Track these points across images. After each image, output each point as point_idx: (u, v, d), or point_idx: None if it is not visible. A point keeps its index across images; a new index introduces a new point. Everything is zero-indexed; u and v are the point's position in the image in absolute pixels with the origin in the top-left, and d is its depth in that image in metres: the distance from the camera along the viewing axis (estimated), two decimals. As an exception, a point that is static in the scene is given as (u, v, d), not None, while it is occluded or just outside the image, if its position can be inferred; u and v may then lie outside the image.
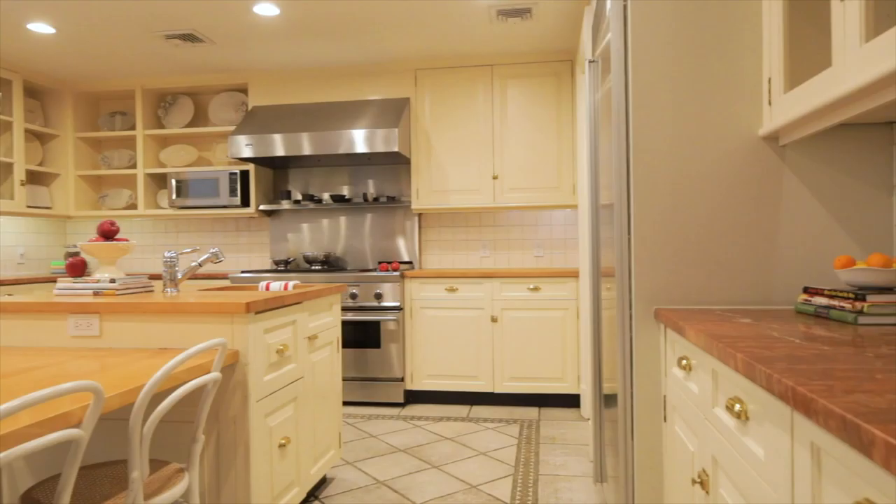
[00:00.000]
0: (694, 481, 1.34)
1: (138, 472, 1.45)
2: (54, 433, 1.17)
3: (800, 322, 1.37)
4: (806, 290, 1.53)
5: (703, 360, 1.30)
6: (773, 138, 1.72)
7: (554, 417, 3.88)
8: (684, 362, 1.45)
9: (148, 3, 3.38)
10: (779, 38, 1.56)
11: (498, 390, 4.13)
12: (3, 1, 3.32)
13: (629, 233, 1.78)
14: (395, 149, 4.10)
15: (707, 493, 1.28)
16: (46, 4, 3.38)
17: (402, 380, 4.16)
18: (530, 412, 4.01)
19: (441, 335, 4.18)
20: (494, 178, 4.39)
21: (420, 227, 4.80)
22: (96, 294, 2.26)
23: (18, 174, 4.43)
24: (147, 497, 1.53)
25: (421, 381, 4.20)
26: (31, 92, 4.85)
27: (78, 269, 2.36)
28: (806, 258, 1.71)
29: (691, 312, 1.59)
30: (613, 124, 1.80)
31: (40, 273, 4.87)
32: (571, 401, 4.12)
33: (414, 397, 4.29)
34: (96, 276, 2.29)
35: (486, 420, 3.84)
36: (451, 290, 4.16)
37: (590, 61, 2.42)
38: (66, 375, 1.62)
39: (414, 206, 4.49)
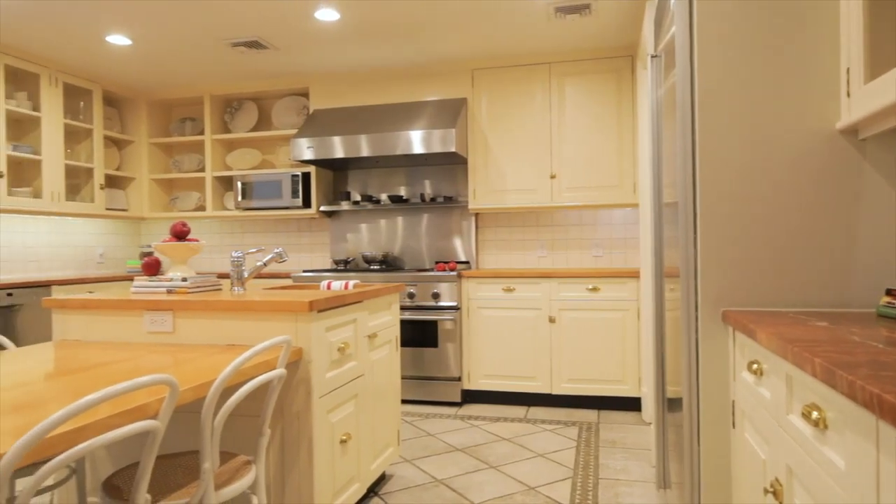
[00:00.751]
0: (766, 491, 1.29)
1: (209, 463, 1.51)
2: (134, 424, 1.23)
3: (882, 326, 1.29)
4: (889, 293, 1.45)
5: (776, 364, 1.25)
6: (851, 132, 1.63)
7: (613, 420, 3.81)
8: (755, 367, 1.40)
9: (216, 14, 3.52)
10: (858, 24, 1.48)
11: (556, 392, 4.08)
12: (86, 16, 3.53)
13: (695, 232, 1.73)
14: (453, 149, 4.12)
15: (781, 503, 1.23)
16: (124, 18, 3.57)
17: (459, 379, 4.17)
18: (589, 414, 3.95)
19: (498, 335, 4.17)
20: (552, 177, 4.34)
21: (477, 227, 4.80)
22: (169, 292, 2.37)
23: (98, 178, 4.69)
24: (217, 487, 1.59)
25: (478, 381, 4.20)
26: (109, 101, 5.14)
27: (153, 268, 2.48)
28: (888, 258, 1.61)
29: (761, 315, 1.53)
30: (678, 120, 1.75)
31: (117, 272, 5.14)
32: (632, 404, 4.03)
33: (471, 397, 4.29)
34: (169, 274, 2.40)
35: (543, 421, 3.80)
36: (509, 290, 4.14)
37: (652, 56, 2.36)
38: (142, 369, 1.71)
39: (471, 206, 4.49)
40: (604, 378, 4.00)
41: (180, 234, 2.45)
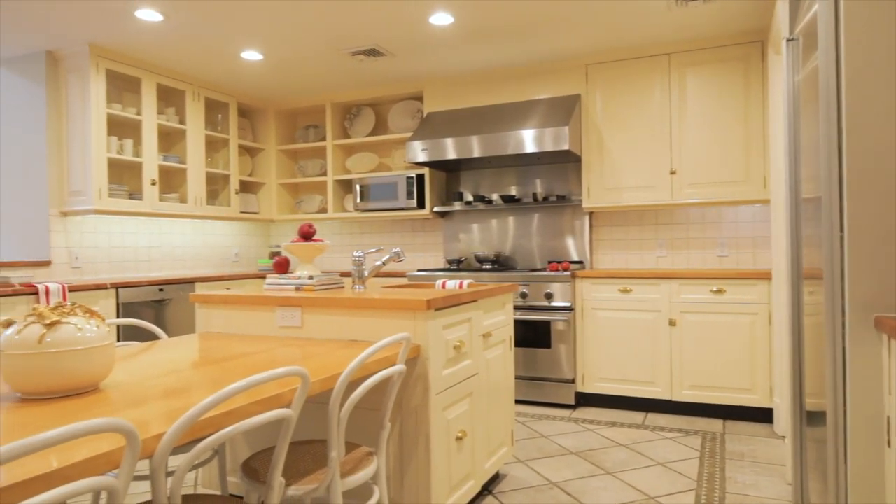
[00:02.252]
0: (931, 519, 1.15)
1: (336, 452, 1.59)
2: (271, 411, 1.33)
3: None
4: None
5: (944, 378, 1.11)
6: None
7: (741, 431, 3.56)
8: (916, 380, 1.25)
9: (338, 25, 3.70)
10: None
11: (676, 398, 3.89)
12: (224, 36, 3.85)
13: (842, 230, 1.58)
14: (566, 147, 4.05)
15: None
16: (257, 35, 3.85)
17: (573, 381, 4.09)
18: (713, 424, 3.73)
19: (614, 337, 4.04)
20: (672, 173, 4.14)
21: (591, 226, 4.68)
22: (298, 289, 2.53)
23: (233, 184, 5.10)
24: (342, 476, 1.67)
25: (592, 384, 4.10)
26: (243, 112, 5.56)
27: (283, 266, 2.66)
28: None
29: (924, 322, 1.37)
30: (821, 108, 1.60)
31: (250, 270, 5.56)
32: (761, 415, 3.75)
33: (585, 400, 4.20)
34: (297, 273, 2.55)
35: (663, 429, 3.63)
36: (625, 290, 4.00)
37: (787, 40, 2.19)
38: (276, 361, 1.83)
39: (585, 204, 4.39)
40: (730, 386, 3.75)
41: (307, 235, 2.60)
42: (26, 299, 3.36)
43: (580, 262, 4.66)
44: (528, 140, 4.17)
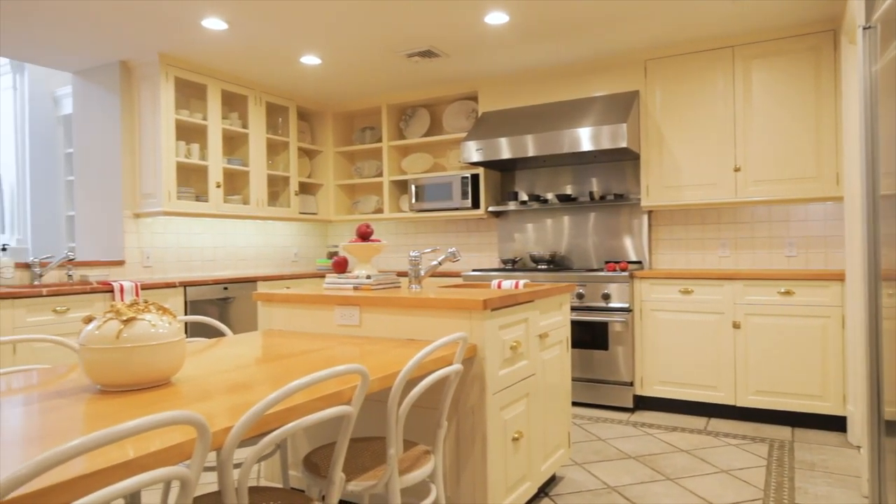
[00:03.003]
0: None
1: (394, 449, 1.61)
2: (333, 408, 1.35)
3: None
4: None
5: None
6: None
7: (811, 440, 3.40)
8: None
9: (395, 28, 3.75)
10: None
11: (741, 404, 3.75)
12: (285, 41, 3.96)
13: (925, 228, 1.48)
14: (624, 144, 3.96)
15: None
16: (315, 40, 3.94)
17: (632, 384, 4.01)
18: (781, 431, 3.57)
19: (674, 340, 3.93)
20: (736, 170, 3.99)
21: (650, 225, 4.57)
22: (356, 289, 2.57)
23: (293, 186, 5.24)
24: (401, 473, 1.69)
25: (651, 387, 4.00)
26: (302, 115, 5.71)
27: (342, 266, 2.71)
28: None
29: None
30: (902, 100, 1.51)
31: (308, 269, 5.69)
32: (834, 423, 3.56)
33: (643, 403, 4.10)
34: (356, 272, 2.60)
35: (726, 435, 3.51)
36: (686, 291, 3.88)
37: (864, 28, 2.07)
38: (335, 359, 1.87)
39: (644, 203, 4.29)
40: (799, 392, 3.59)
41: (365, 235, 2.65)
42: (102, 296, 3.55)
43: (638, 262, 4.56)
44: (585, 138, 4.10)
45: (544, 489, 2.75)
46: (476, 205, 4.88)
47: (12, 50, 4.02)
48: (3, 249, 3.66)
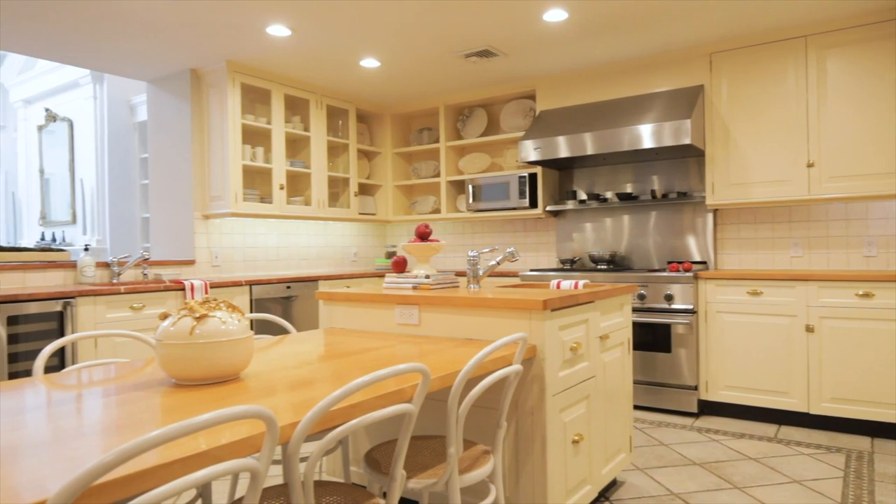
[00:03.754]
0: None
1: (454, 448, 1.62)
2: (395, 406, 1.37)
3: None
4: None
5: None
6: None
7: (893, 451, 3.20)
8: None
9: (452, 29, 3.77)
10: None
11: (814, 411, 3.57)
12: (345, 45, 4.04)
13: None
14: (687, 141, 3.84)
15: None
16: (375, 43, 4.01)
17: (696, 388, 3.88)
18: (859, 441, 3.38)
19: (742, 343, 3.78)
20: (810, 165, 3.80)
21: (715, 224, 4.41)
22: (415, 288, 2.60)
23: (353, 187, 5.34)
24: (460, 472, 1.70)
25: (717, 392, 3.86)
26: (361, 117, 5.81)
27: (401, 265, 2.74)
28: None
29: None
30: None
31: (367, 269, 5.79)
32: (920, 434, 3.35)
33: (709, 408, 3.96)
34: (415, 272, 2.63)
35: (798, 443, 3.35)
36: (755, 293, 3.73)
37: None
38: (396, 357, 1.90)
39: (709, 201, 4.14)
40: (880, 400, 3.38)
41: (424, 235, 2.67)
42: (175, 294, 3.72)
43: (703, 263, 4.41)
44: (646, 135, 4.00)
45: (605, 493, 2.70)
46: (534, 204, 4.84)
47: (93, 61, 4.27)
48: (86, 249, 3.89)
